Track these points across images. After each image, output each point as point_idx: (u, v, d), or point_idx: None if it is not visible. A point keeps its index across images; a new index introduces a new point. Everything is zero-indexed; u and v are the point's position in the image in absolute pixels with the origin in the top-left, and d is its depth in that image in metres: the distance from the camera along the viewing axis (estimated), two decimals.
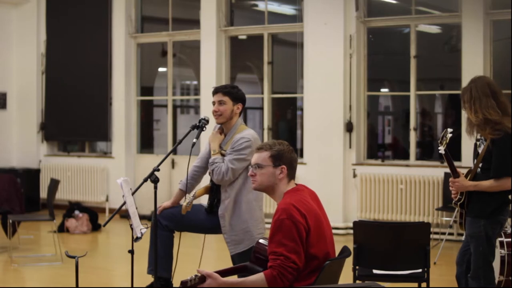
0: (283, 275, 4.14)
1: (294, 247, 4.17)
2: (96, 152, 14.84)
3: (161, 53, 14.03)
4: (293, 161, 4.55)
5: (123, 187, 5.40)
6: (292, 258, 4.15)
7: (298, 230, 4.20)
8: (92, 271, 8.88)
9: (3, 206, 10.53)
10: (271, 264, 4.18)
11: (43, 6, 14.68)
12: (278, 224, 4.23)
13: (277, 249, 4.18)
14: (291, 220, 4.20)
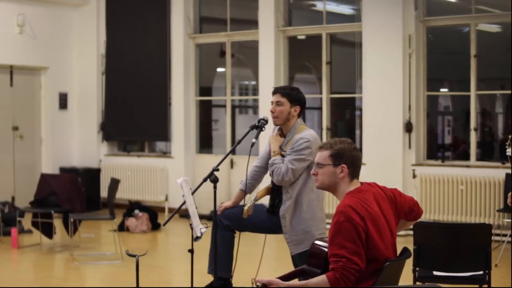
0: (346, 277, 4.12)
1: (355, 249, 4.15)
2: (155, 152, 14.95)
3: (220, 53, 14.08)
4: (355, 159, 4.50)
5: (183, 186, 5.43)
6: (354, 259, 4.13)
7: (358, 232, 4.17)
8: (152, 270, 8.94)
9: (65, 205, 10.66)
10: (333, 266, 4.16)
11: (103, 8, 14.85)
12: (337, 227, 4.21)
13: (339, 251, 4.16)
14: (350, 222, 4.18)
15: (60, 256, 10.23)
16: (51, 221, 10.67)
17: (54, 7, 14.75)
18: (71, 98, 15.15)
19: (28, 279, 9.07)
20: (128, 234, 11.83)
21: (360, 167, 4.55)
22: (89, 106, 15.04)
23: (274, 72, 12.74)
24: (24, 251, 10.56)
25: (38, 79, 14.86)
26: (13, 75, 14.40)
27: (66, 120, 15.10)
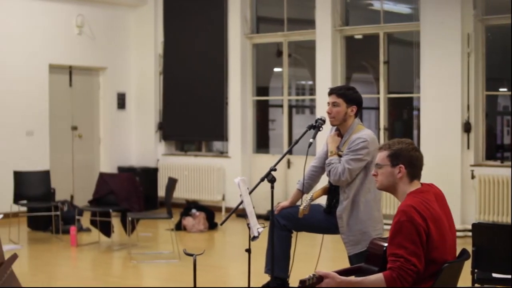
0: (403, 277, 4.08)
1: (414, 250, 4.11)
2: (212, 151, 15.01)
3: (277, 53, 14.07)
4: (414, 159, 4.44)
5: (240, 186, 5.44)
6: (413, 260, 4.10)
7: (418, 233, 4.13)
8: (209, 269, 8.97)
9: (123, 204, 10.76)
10: (391, 265, 4.13)
11: (160, 8, 14.96)
12: (398, 227, 4.17)
13: (397, 251, 4.13)
14: (411, 222, 4.14)
15: (118, 254, 10.32)
16: (109, 220, 10.78)
17: (112, 8, 14.90)
18: (129, 98, 15.30)
19: (86, 277, 9.17)
20: (185, 233, 11.89)
21: (421, 168, 4.50)
22: (147, 106, 15.16)
23: (331, 72, 12.71)
24: (83, 249, 10.68)
25: (96, 80, 15.03)
26: (72, 76, 14.59)
27: (124, 120, 15.24)
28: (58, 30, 14.05)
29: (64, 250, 10.67)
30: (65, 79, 14.50)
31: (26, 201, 11.61)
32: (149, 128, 15.12)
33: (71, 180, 14.51)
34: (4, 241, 9.80)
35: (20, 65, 13.38)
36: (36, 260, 10.00)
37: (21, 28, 13.43)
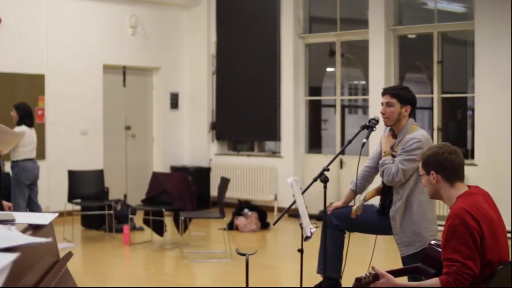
0: (460, 281, 4.03)
1: (469, 254, 4.06)
2: (265, 151, 15.02)
3: (329, 53, 14.03)
4: (443, 163, 4.35)
5: (293, 186, 5.43)
6: (469, 264, 4.04)
7: (472, 236, 4.08)
8: (261, 269, 8.97)
9: (176, 203, 10.81)
10: (447, 270, 4.08)
11: (213, 8, 15.01)
12: (452, 230, 4.12)
13: (452, 255, 4.08)
14: (465, 226, 4.08)
15: (171, 253, 10.38)
16: (162, 219, 10.83)
17: (165, 8, 15.00)
18: (182, 98, 15.38)
19: (139, 276, 9.24)
20: (237, 233, 11.91)
21: (457, 169, 4.38)
22: (200, 106, 15.23)
23: (384, 72, 12.63)
24: (136, 248, 10.76)
25: (150, 79, 15.14)
26: (126, 76, 14.71)
27: (177, 120, 15.33)
28: (112, 30, 14.18)
29: (117, 248, 10.76)
30: (119, 79, 14.63)
31: (80, 200, 11.73)
32: (202, 128, 15.18)
33: (125, 179, 14.63)
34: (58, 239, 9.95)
35: (75, 66, 13.53)
36: (89, 259, 10.10)
37: (75, 29, 13.58)
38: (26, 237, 2.70)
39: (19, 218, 3.17)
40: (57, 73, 13.27)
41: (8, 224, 3.01)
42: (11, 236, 2.67)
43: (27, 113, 10.61)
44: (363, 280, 4.19)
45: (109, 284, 8.54)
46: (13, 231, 2.81)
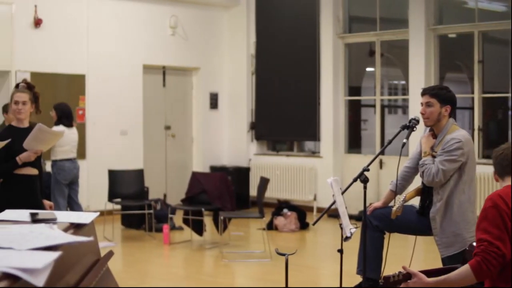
0: (487, 260, 4.01)
1: (498, 234, 4.05)
2: (304, 151, 15.00)
3: (369, 53, 13.97)
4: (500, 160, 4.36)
5: (333, 186, 5.42)
6: (496, 244, 4.03)
7: (503, 218, 4.07)
8: (300, 269, 8.96)
9: (215, 203, 10.84)
10: (476, 251, 4.08)
11: (252, 8, 15.03)
12: (484, 213, 4.14)
13: (482, 236, 4.08)
14: (496, 208, 4.09)
15: (210, 253, 10.40)
16: (201, 219, 10.86)
17: (205, 8, 15.04)
18: (221, 98, 15.42)
19: (179, 275, 9.27)
20: (276, 232, 11.91)
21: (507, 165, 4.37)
22: (239, 105, 15.25)
23: (424, 72, 12.55)
24: (175, 247, 10.80)
25: (189, 80, 15.19)
26: (166, 76, 14.78)
27: (216, 120, 15.37)
28: (152, 31, 14.25)
29: (157, 248, 10.81)
30: (159, 79, 14.70)
31: (120, 200, 11.80)
32: (241, 127, 15.21)
33: (164, 179, 14.70)
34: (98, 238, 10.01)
35: (115, 66, 13.62)
36: (129, 258, 10.16)
37: (115, 29, 13.67)
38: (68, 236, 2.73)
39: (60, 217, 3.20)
40: (98, 73, 13.37)
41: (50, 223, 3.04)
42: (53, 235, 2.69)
43: (65, 113, 10.70)
44: (391, 279, 4.15)
45: (148, 283, 8.59)
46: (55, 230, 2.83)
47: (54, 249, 2.45)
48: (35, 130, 6.33)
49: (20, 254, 2.35)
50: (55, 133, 6.78)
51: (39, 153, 6.53)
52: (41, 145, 6.47)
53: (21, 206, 5.16)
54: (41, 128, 6.33)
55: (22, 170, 6.50)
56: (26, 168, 6.51)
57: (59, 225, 3.00)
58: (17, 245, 2.44)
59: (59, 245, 2.53)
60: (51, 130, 6.70)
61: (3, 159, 6.42)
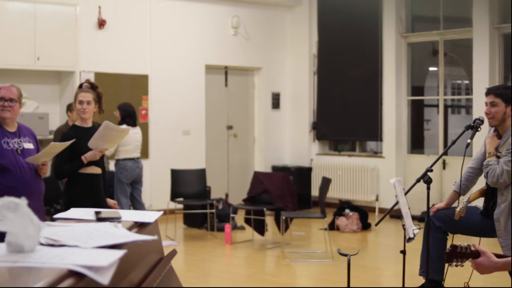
0: None
1: None
2: (366, 151, 14.93)
3: (432, 52, 13.85)
4: None
5: (396, 187, 5.39)
6: None
7: None
8: (362, 270, 8.92)
9: (277, 203, 10.84)
10: None
11: (314, 8, 15.01)
12: None
13: None
14: None
15: (271, 252, 10.41)
16: (263, 218, 10.88)
17: (267, 8, 15.06)
18: (283, 97, 15.42)
19: (240, 274, 9.29)
20: (338, 233, 11.87)
21: None
22: (301, 105, 15.24)
23: (488, 71, 12.39)
24: (237, 246, 10.83)
25: (251, 79, 15.23)
26: (228, 76, 14.84)
27: (278, 120, 15.38)
28: (214, 31, 14.32)
29: (219, 247, 10.85)
30: (221, 79, 14.76)
31: (182, 199, 11.88)
32: (303, 127, 15.20)
33: (226, 179, 14.76)
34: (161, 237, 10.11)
35: (178, 66, 13.72)
36: (191, 256, 10.22)
37: (178, 30, 13.77)
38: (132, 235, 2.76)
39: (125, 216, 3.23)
40: (160, 73, 13.48)
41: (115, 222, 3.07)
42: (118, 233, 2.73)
43: (128, 113, 10.82)
44: (459, 249, 4.00)
45: (210, 282, 8.63)
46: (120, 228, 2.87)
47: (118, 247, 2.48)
48: (101, 128, 6.40)
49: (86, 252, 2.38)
50: (121, 130, 6.84)
51: (104, 152, 6.61)
52: (106, 143, 6.54)
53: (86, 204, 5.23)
54: (108, 125, 6.39)
55: (87, 169, 6.58)
56: (90, 167, 6.59)
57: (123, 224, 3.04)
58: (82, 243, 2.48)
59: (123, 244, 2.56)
60: (118, 127, 6.76)
61: (67, 159, 6.51)
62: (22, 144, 5.80)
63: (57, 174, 6.75)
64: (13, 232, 2.28)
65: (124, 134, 6.99)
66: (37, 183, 5.83)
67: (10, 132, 5.77)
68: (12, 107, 5.74)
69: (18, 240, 2.28)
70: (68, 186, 6.69)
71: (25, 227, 2.28)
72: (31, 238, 2.30)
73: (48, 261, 2.20)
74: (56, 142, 5.98)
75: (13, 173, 5.65)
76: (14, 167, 5.66)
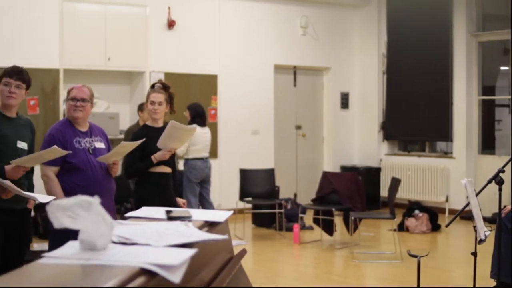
0: None
1: None
2: (436, 152, 14.77)
3: (503, 51, 13.65)
4: None
5: (467, 188, 5.33)
6: None
7: None
8: (432, 271, 8.83)
9: (346, 203, 10.81)
10: None
11: (383, 7, 14.92)
12: None
13: None
14: None
15: (340, 253, 10.37)
16: (332, 219, 10.86)
17: (335, 8, 15.02)
18: (352, 97, 15.37)
19: (308, 274, 9.28)
20: (407, 234, 11.78)
21: None
22: (370, 105, 15.17)
23: None
24: (305, 246, 10.82)
25: (320, 79, 15.20)
26: (297, 76, 14.84)
27: (347, 120, 15.33)
28: (283, 31, 14.33)
29: (287, 247, 10.86)
30: (290, 79, 14.77)
31: (251, 198, 11.91)
32: (372, 127, 15.12)
33: (295, 179, 14.76)
34: None
35: (246, 66, 13.78)
36: (259, 256, 10.24)
37: (247, 30, 13.82)
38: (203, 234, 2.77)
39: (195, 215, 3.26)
40: (229, 73, 13.55)
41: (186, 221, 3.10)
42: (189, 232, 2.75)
43: (198, 113, 10.89)
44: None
45: (279, 282, 8.64)
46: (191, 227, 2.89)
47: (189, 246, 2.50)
48: (168, 127, 6.46)
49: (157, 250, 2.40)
50: (188, 129, 6.88)
51: (173, 152, 6.67)
52: (175, 142, 6.60)
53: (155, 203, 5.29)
54: (174, 124, 6.45)
55: (157, 169, 6.65)
56: (160, 166, 6.66)
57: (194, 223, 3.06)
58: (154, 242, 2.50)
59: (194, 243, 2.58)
60: (184, 126, 6.80)
61: (138, 158, 6.59)
62: (93, 143, 5.87)
63: (127, 173, 6.84)
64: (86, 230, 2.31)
65: (191, 132, 7.02)
66: (108, 182, 5.90)
67: (81, 132, 5.85)
68: (84, 107, 5.81)
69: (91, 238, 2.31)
70: (138, 185, 6.78)
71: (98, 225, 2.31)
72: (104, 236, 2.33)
73: (120, 259, 2.23)
74: (127, 142, 6.05)
75: (84, 172, 5.72)
76: (85, 166, 5.73)
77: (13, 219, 5.48)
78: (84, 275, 2.14)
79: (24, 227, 5.69)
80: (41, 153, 5.26)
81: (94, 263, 2.21)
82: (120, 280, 2.02)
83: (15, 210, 5.49)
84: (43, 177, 5.70)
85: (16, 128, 5.58)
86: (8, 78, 5.49)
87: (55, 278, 2.11)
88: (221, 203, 12.92)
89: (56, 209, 2.27)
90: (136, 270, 2.12)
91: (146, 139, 6.34)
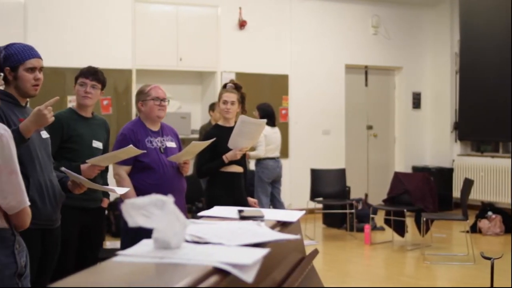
0: None
1: None
2: (510, 152, 14.53)
3: None
4: None
5: None
6: None
7: None
8: (506, 274, 8.69)
9: (417, 204, 10.72)
10: None
11: (456, 6, 14.73)
12: None
13: None
14: None
15: (411, 254, 10.29)
16: (403, 219, 10.77)
17: (407, 7, 14.92)
18: (424, 97, 15.24)
19: (379, 275, 9.24)
20: (480, 236, 11.63)
21: None
22: (443, 105, 15.01)
23: None
24: (376, 247, 10.77)
25: (392, 79, 15.11)
26: (368, 75, 14.77)
27: (419, 120, 15.20)
28: (354, 30, 14.29)
29: (358, 248, 10.82)
30: (361, 79, 14.71)
31: (322, 198, 11.90)
32: (445, 128, 14.96)
33: (366, 179, 14.70)
34: None
35: (318, 66, 13.77)
36: (329, 256, 10.22)
37: (318, 29, 13.81)
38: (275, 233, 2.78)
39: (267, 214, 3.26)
40: (300, 73, 13.55)
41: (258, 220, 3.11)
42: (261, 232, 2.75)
43: (268, 114, 10.89)
44: None
45: (349, 282, 8.61)
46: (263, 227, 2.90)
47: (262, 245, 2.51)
48: (238, 124, 6.46)
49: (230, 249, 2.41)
50: (258, 123, 6.80)
51: (244, 151, 6.68)
52: (245, 140, 6.58)
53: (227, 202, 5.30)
54: (244, 119, 6.44)
55: (228, 168, 6.68)
56: (231, 166, 6.69)
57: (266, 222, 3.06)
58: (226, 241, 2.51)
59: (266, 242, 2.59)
60: (254, 120, 6.76)
61: (210, 158, 6.63)
62: (165, 143, 5.92)
63: (199, 172, 6.89)
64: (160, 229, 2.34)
65: (262, 127, 6.92)
66: (179, 181, 5.94)
67: (153, 131, 5.91)
68: (165, 107, 5.91)
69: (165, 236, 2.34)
70: (210, 185, 6.82)
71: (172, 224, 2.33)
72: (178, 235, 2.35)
73: (193, 258, 2.25)
74: (198, 141, 6.08)
75: (156, 172, 5.77)
76: (157, 165, 5.78)
77: (88, 217, 5.60)
78: (157, 274, 2.17)
79: (98, 225, 5.80)
80: (116, 153, 5.32)
81: (167, 262, 2.23)
82: (193, 279, 2.04)
83: (90, 209, 5.59)
84: (115, 176, 5.78)
85: (91, 128, 5.67)
86: (84, 78, 5.60)
87: (130, 276, 2.14)
88: (292, 203, 12.92)
89: (130, 208, 2.30)
90: (209, 269, 2.14)
91: (218, 138, 6.37)
